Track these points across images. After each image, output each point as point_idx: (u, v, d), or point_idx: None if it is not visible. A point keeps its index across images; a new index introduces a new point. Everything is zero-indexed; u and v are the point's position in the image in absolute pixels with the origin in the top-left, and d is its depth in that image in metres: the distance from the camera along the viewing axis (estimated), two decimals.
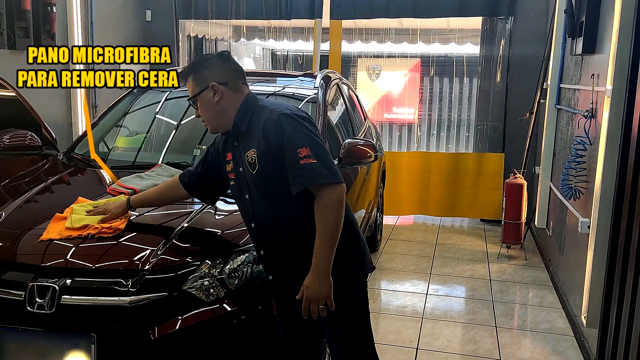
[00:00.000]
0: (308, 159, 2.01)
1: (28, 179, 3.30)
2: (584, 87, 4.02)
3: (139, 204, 2.64)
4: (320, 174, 2.01)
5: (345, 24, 6.83)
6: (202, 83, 2.16)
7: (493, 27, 6.49)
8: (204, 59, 2.23)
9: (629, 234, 2.77)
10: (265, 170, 2.10)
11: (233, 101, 2.18)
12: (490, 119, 6.58)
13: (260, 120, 2.13)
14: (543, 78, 5.66)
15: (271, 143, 2.07)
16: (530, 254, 5.53)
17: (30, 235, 2.58)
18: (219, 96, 2.16)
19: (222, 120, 2.20)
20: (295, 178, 2.03)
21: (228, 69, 2.21)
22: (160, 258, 2.39)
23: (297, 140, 2.04)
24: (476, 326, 3.98)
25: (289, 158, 2.04)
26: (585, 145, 3.74)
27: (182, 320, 2.31)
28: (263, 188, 2.14)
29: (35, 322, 2.29)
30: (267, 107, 2.17)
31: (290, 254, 2.17)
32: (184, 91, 4.08)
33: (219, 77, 2.17)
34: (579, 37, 4.02)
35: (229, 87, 2.18)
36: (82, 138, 3.81)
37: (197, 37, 7.56)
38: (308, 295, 2.04)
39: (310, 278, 2.04)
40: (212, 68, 2.18)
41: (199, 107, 2.20)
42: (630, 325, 2.68)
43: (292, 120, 2.08)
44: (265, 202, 2.15)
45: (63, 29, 5.85)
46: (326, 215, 2.03)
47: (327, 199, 2.03)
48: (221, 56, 2.24)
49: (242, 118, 2.18)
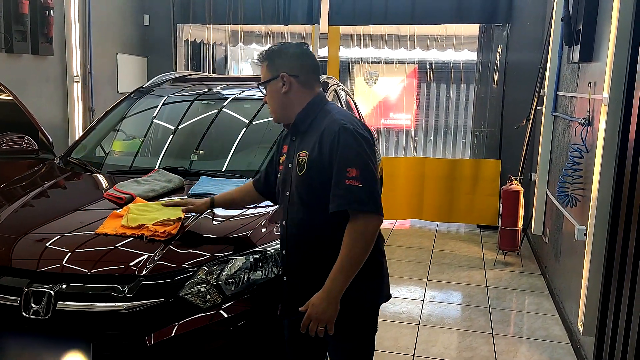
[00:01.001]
0: (354, 180, 1.95)
1: (24, 183, 3.28)
2: (581, 94, 4.03)
3: (221, 204, 2.63)
4: (361, 201, 1.95)
5: (343, 30, 6.86)
6: (274, 71, 2.13)
7: (490, 34, 6.53)
8: (283, 47, 2.18)
9: (626, 241, 2.77)
10: (310, 177, 2.06)
11: (300, 96, 2.14)
12: (487, 126, 6.61)
13: (322, 125, 2.08)
14: (540, 85, 5.68)
15: (324, 153, 2.02)
16: (526, 260, 5.53)
17: (26, 240, 2.57)
18: (287, 87, 2.12)
19: (286, 112, 2.17)
20: (335, 196, 1.98)
21: (302, 62, 2.15)
22: (157, 264, 2.38)
23: (349, 159, 1.97)
24: (473, 333, 3.97)
25: (336, 174, 1.98)
26: (582, 152, 3.75)
27: (179, 327, 2.30)
28: (302, 192, 2.10)
29: (31, 328, 2.28)
30: (332, 114, 2.11)
31: (308, 262, 2.13)
32: (181, 96, 4.12)
33: (291, 68, 2.12)
34: (576, 45, 4.04)
35: (299, 80, 2.13)
36: (79, 142, 3.81)
37: (194, 41, 7.56)
38: (311, 313, 1.99)
39: (319, 297, 1.98)
40: (287, 58, 2.14)
41: (266, 94, 2.18)
42: (627, 333, 2.67)
43: (351, 136, 2.00)
44: (301, 205, 2.11)
45: (61, 32, 5.85)
46: (354, 243, 1.97)
47: (359, 227, 1.97)
48: (299, 48, 2.18)
49: (304, 118, 2.14)
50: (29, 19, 5.19)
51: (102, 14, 6.46)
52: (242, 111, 3.93)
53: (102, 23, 6.47)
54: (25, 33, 5.20)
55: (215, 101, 4.05)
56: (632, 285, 2.63)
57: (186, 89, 4.25)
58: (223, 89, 4.23)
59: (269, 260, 2.52)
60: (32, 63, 5.47)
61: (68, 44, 5.96)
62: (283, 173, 2.22)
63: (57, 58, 5.81)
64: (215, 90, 4.22)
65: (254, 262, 2.48)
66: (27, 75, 5.41)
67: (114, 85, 6.79)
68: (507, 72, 6.44)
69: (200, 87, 4.31)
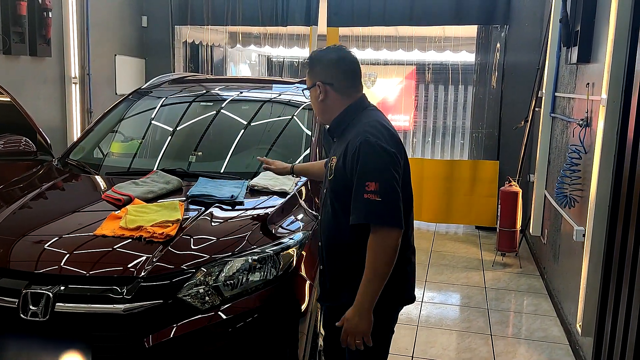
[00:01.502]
0: (373, 194, 1.96)
1: (23, 184, 3.27)
2: (579, 95, 4.04)
3: (301, 172, 2.79)
4: (379, 215, 1.96)
5: (342, 31, 6.86)
6: (312, 79, 2.21)
7: (488, 35, 6.54)
8: (323, 53, 2.22)
9: (625, 242, 2.78)
10: (336, 183, 2.13)
11: (337, 103, 2.19)
12: (485, 127, 6.61)
13: (349, 133, 2.13)
14: (538, 86, 5.69)
15: (347, 162, 2.06)
16: (525, 261, 5.54)
17: (24, 242, 2.56)
18: (323, 95, 2.19)
19: (325, 116, 2.25)
20: (355, 209, 2.01)
21: (338, 70, 2.18)
22: (156, 265, 2.38)
23: (368, 172, 1.99)
24: (471, 334, 3.97)
25: (356, 186, 2.01)
26: (580, 153, 3.76)
27: (177, 328, 2.29)
28: (330, 195, 2.18)
29: (29, 330, 2.27)
30: (362, 123, 2.12)
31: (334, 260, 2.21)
32: (179, 97, 4.12)
33: (325, 76, 2.17)
34: (574, 46, 4.04)
35: (335, 88, 2.17)
36: (77, 144, 3.80)
37: (193, 43, 7.56)
38: (347, 328, 2.03)
39: (352, 312, 2.02)
40: (323, 65, 2.19)
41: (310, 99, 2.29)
42: (625, 334, 2.68)
43: (372, 149, 2.01)
44: (330, 207, 2.19)
45: (59, 34, 5.84)
46: (376, 256, 1.99)
47: (380, 241, 1.98)
48: (337, 53, 2.20)
49: (338, 124, 2.21)
50: (27, 20, 5.19)
51: (100, 16, 6.46)
52: (241, 112, 3.93)
53: (100, 24, 6.46)
54: (23, 34, 5.19)
55: (213, 102, 4.05)
56: (631, 285, 2.64)
57: (184, 91, 4.24)
58: (221, 90, 4.23)
59: (268, 262, 2.52)
60: (30, 64, 5.46)
61: (66, 45, 5.95)
62: (325, 173, 2.31)
63: (55, 59, 5.80)
64: (213, 91, 4.22)
65: (253, 264, 2.48)
66: (25, 77, 5.40)
67: (112, 86, 6.79)
68: (505, 73, 6.44)
69: (199, 88, 4.31)
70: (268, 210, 2.85)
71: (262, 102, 4.01)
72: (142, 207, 2.77)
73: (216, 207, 2.85)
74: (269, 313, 2.45)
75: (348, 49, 2.24)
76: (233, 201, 2.90)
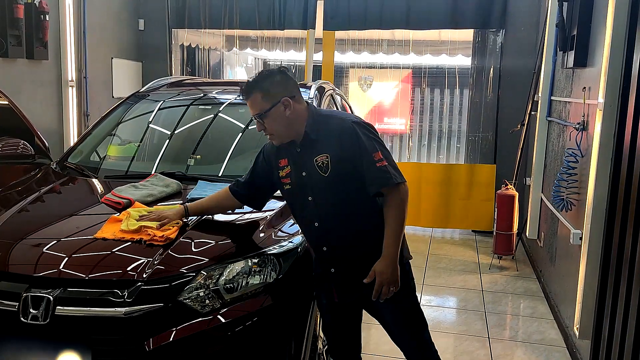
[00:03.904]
0: (382, 162, 2.27)
1: (21, 188, 3.27)
2: (575, 99, 4.06)
3: (196, 212, 2.72)
4: (394, 176, 2.27)
5: (338, 35, 6.88)
6: (273, 98, 2.30)
7: (484, 39, 6.56)
8: (267, 75, 2.35)
9: (622, 245, 2.80)
10: (339, 172, 2.31)
11: (300, 112, 2.36)
12: (482, 130, 6.63)
13: (330, 128, 2.35)
14: (534, 90, 5.72)
15: (347, 148, 2.29)
16: (521, 264, 5.56)
17: (24, 245, 2.56)
18: (290, 109, 2.32)
19: (291, 130, 2.36)
20: (373, 179, 2.27)
21: (293, 83, 2.39)
22: (156, 268, 2.38)
23: (371, 146, 2.29)
24: (469, 337, 3.99)
25: (366, 162, 2.28)
26: (577, 157, 3.78)
27: (178, 332, 2.29)
28: (334, 188, 2.33)
29: (30, 333, 2.27)
30: (335, 116, 2.43)
31: (352, 246, 2.39)
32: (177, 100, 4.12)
33: (286, 90, 2.33)
34: (571, 51, 4.07)
35: (296, 100, 2.36)
36: (75, 147, 3.80)
37: (190, 46, 7.57)
38: (382, 280, 2.28)
39: (383, 264, 2.28)
40: (280, 84, 2.33)
41: (266, 122, 2.33)
42: (623, 337, 2.69)
43: (364, 128, 2.34)
44: (334, 200, 2.35)
45: (56, 37, 5.84)
46: (397, 211, 2.28)
47: (398, 197, 2.29)
48: (284, 72, 2.38)
49: (313, 127, 2.36)
50: (24, 23, 5.18)
51: (97, 19, 6.46)
52: (239, 116, 3.93)
53: (97, 27, 6.46)
54: (20, 37, 5.18)
55: (211, 106, 4.05)
56: (629, 288, 2.65)
57: (182, 94, 4.25)
58: (219, 93, 4.23)
59: (268, 265, 2.52)
60: (27, 67, 5.45)
61: (63, 48, 5.94)
62: (296, 183, 2.42)
63: (52, 62, 5.80)
64: (211, 95, 4.22)
65: (253, 267, 2.49)
66: (22, 80, 5.40)
67: (109, 89, 6.78)
68: (501, 77, 6.47)
69: (197, 92, 4.31)
70: (267, 213, 2.86)
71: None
72: (143, 210, 2.77)
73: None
74: (269, 316, 2.46)
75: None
76: None
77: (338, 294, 2.48)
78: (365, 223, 2.37)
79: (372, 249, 2.34)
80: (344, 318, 2.57)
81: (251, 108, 2.35)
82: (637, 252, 2.57)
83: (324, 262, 2.47)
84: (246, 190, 2.66)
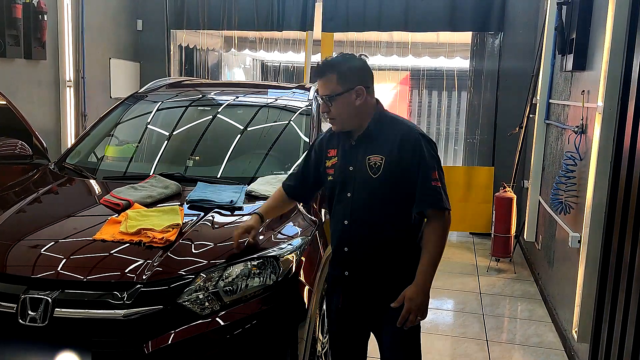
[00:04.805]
0: (436, 182, 2.19)
1: (18, 188, 3.26)
2: (574, 103, 4.07)
3: (268, 214, 2.63)
4: (443, 200, 2.19)
5: (336, 37, 6.87)
6: (347, 84, 2.21)
7: (483, 42, 6.57)
8: (348, 58, 2.26)
9: (621, 248, 2.80)
10: (388, 177, 2.22)
11: (369, 106, 2.28)
12: (480, 133, 6.64)
13: (394, 131, 2.26)
14: (532, 93, 5.73)
15: (405, 156, 2.21)
16: (519, 267, 5.56)
17: (21, 246, 2.55)
18: (361, 100, 2.23)
19: (354, 121, 2.27)
20: (423, 196, 2.20)
21: (370, 74, 2.29)
22: (155, 270, 2.37)
23: (431, 163, 2.21)
24: (467, 340, 3.98)
25: (422, 177, 2.19)
26: (576, 160, 3.78)
27: (177, 334, 2.28)
28: (374, 193, 2.25)
29: (28, 335, 2.26)
30: (401, 122, 2.32)
31: (377, 253, 2.29)
32: (176, 101, 4.11)
33: (363, 80, 2.24)
34: (570, 54, 4.07)
35: (369, 92, 2.27)
36: (74, 148, 3.78)
37: (188, 47, 7.56)
38: (410, 306, 2.19)
39: (414, 291, 2.20)
40: (358, 71, 2.24)
41: (333, 105, 2.23)
42: (622, 340, 2.69)
43: (429, 143, 2.25)
44: (370, 206, 2.26)
45: (54, 37, 5.82)
46: (438, 238, 2.21)
47: (442, 223, 2.21)
48: (364, 60, 2.29)
49: (376, 124, 2.28)
50: (22, 23, 5.16)
51: (95, 19, 6.44)
52: (238, 117, 3.92)
53: (95, 28, 6.44)
54: (18, 37, 5.16)
55: (210, 107, 4.04)
56: (628, 291, 2.65)
57: (181, 95, 4.24)
58: (218, 95, 4.22)
59: (267, 267, 2.51)
60: (25, 67, 5.44)
61: (61, 48, 5.93)
62: (339, 176, 2.32)
63: (50, 62, 5.78)
64: (210, 96, 4.21)
65: (252, 269, 2.48)
66: (20, 80, 5.38)
67: (107, 90, 6.76)
68: (499, 80, 6.48)
69: (196, 93, 4.30)
70: None
71: (259, 107, 4.01)
72: (143, 211, 2.76)
73: (215, 212, 2.84)
74: (269, 319, 2.45)
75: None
76: (232, 206, 2.90)
77: (344, 300, 2.40)
78: (394, 235, 2.27)
79: (391, 262, 2.27)
80: (351, 332, 2.46)
81: (321, 88, 2.25)
82: (637, 256, 2.57)
83: (340, 263, 2.37)
84: (294, 181, 2.57)
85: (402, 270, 2.27)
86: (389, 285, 2.29)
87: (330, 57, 2.28)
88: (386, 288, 2.29)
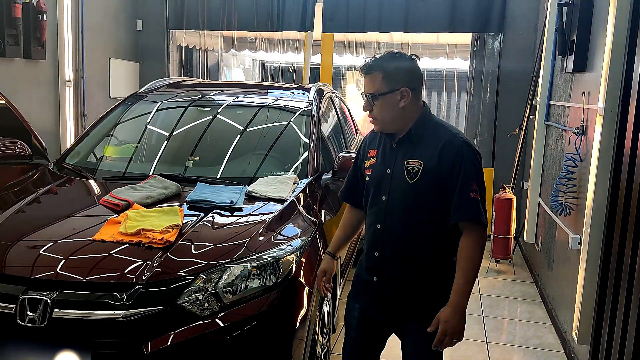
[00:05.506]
0: (475, 193, 2.07)
1: (18, 188, 3.25)
2: (575, 104, 4.06)
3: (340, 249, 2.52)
4: (481, 213, 2.07)
5: (336, 37, 6.87)
6: (393, 84, 2.12)
7: (483, 43, 6.57)
8: (397, 57, 2.17)
9: (621, 250, 2.79)
10: (425, 184, 2.12)
11: (414, 109, 2.17)
12: (480, 134, 6.64)
13: (437, 137, 2.15)
14: (532, 94, 5.72)
15: (445, 164, 2.09)
16: (518, 268, 5.55)
17: (20, 247, 2.54)
18: (405, 101, 2.13)
19: (397, 123, 2.18)
20: (460, 207, 2.08)
21: (419, 76, 2.18)
22: (155, 271, 2.36)
23: (472, 173, 2.09)
24: (467, 341, 3.97)
25: (460, 187, 2.08)
26: (576, 162, 3.78)
27: (177, 335, 2.28)
28: (409, 199, 2.15)
29: (27, 336, 2.25)
30: (446, 128, 2.20)
31: (404, 260, 2.19)
32: (176, 101, 4.11)
33: (410, 82, 2.14)
34: (570, 55, 4.07)
35: (415, 94, 2.16)
36: (73, 148, 3.77)
37: (187, 47, 7.55)
38: (445, 329, 2.06)
39: (449, 313, 2.07)
40: (406, 71, 2.14)
41: (376, 104, 2.15)
42: (622, 342, 2.69)
43: (472, 152, 2.13)
44: (405, 211, 2.16)
45: (53, 37, 5.81)
46: (474, 253, 2.08)
47: (477, 237, 2.09)
48: (414, 61, 2.19)
49: (419, 128, 2.17)
50: (22, 22, 5.15)
51: (95, 19, 6.43)
52: (238, 118, 3.92)
53: (95, 28, 6.43)
54: (18, 37, 5.15)
55: (210, 107, 4.04)
56: (628, 293, 2.65)
57: (181, 95, 4.23)
58: (218, 95, 4.22)
59: (267, 268, 2.51)
60: (25, 67, 5.43)
61: (60, 48, 5.92)
62: (376, 177, 2.24)
63: (49, 62, 5.77)
64: (210, 96, 4.20)
65: (252, 270, 2.47)
66: (19, 80, 5.37)
67: (106, 90, 6.75)
68: (499, 81, 6.48)
69: (196, 93, 4.30)
70: (267, 216, 2.84)
71: (259, 108, 4.01)
72: (142, 212, 2.75)
73: (215, 213, 2.83)
74: (268, 320, 2.44)
75: None
76: (232, 207, 2.89)
77: (370, 308, 2.29)
78: (426, 244, 2.16)
79: (420, 271, 2.17)
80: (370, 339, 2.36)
81: (366, 85, 2.16)
82: (638, 257, 2.56)
83: (369, 269, 2.27)
84: (349, 184, 2.46)
85: (432, 282, 2.18)
86: (417, 296, 2.19)
87: (379, 55, 2.18)
88: (414, 299, 2.20)
